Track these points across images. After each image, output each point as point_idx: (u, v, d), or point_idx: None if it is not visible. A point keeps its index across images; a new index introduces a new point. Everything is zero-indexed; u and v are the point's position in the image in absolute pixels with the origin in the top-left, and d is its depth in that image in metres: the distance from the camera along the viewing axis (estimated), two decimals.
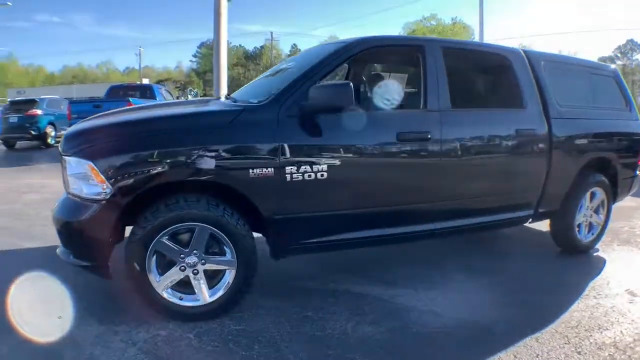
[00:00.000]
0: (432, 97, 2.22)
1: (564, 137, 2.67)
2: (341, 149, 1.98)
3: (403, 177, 2.17)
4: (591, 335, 1.90)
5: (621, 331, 1.95)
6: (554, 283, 2.51)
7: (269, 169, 1.85)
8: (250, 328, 1.92)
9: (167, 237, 1.84)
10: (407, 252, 2.94)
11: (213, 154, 1.80)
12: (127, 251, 1.84)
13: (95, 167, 1.73)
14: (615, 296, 2.32)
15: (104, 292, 2.19)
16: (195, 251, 1.88)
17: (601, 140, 2.97)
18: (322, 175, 1.92)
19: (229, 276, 1.94)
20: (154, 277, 1.87)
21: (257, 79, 2.97)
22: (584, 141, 2.84)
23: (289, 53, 48.42)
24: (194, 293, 1.93)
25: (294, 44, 51.22)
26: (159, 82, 29.86)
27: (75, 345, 1.75)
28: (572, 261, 2.91)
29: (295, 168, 1.87)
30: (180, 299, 1.93)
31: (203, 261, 1.91)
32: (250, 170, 1.83)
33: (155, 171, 1.75)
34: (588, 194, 2.94)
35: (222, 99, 2.85)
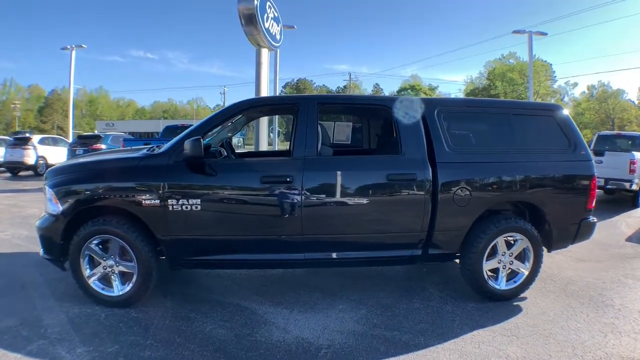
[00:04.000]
0: (298, 146, 2.92)
1: (453, 181, 2.93)
2: (211, 188, 2.82)
3: (267, 212, 2.86)
4: None
5: None
6: (436, 325, 2.77)
7: (157, 201, 2.78)
8: (142, 316, 2.81)
9: (95, 244, 2.86)
10: (319, 280, 3.55)
11: (122, 188, 2.81)
12: (70, 251, 2.92)
13: (54, 193, 2.88)
14: (490, 344, 2.50)
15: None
16: (112, 256, 2.88)
17: (516, 184, 3.03)
18: (196, 207, 2.78)
19: (135, 278, 2.88)
20: (86, 271, 2.90)
21: None
22: (485, 185, 2.98)
23: (372, 91, 51.61)
24: (111, 286, 2.93)
25: (377, 83, 55.20)
26: None
27: (33, 309, 2.92)
28: (482, 307, 3.04)
29: (175, 201, 2.77)
30: (102, 289, 2.92)
31: (117, 264, 2.91)
32: (144, 201, 2.79)
33: (83, 198, 2.82)
34: (501, 240, 3.07)
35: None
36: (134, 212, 2.81)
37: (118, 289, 2.92)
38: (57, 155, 13.18)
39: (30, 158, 12.70)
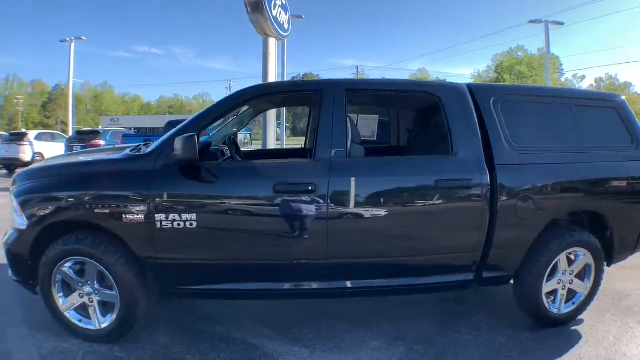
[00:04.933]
0: (322, 145, 2.31)
1: (516, 188, 2.44)
2: (210, 199, 2.24)
3: (281, 231, 2.28)
4: None
5: None
6: None
7: (140, 216, 2.20)
8: (129, 357, 2.27)
9: (68, 267, 2.32)
10: (344, 306, 2.98)
11: (95, 198, 2.23)
12: (39, 274, 2.36)
13: (19, 204, 2.33)
14: None
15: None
16: (89, 282, 2.32)
17: (583, 190, 2.62)
18: (191, 224, 2.20)
19: (117, 309, 2.32)
20: (59, 299, 2.36)
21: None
22: (552, 191, 2.52)
23: None
24: (91, 318, 2.37)
25: (383, 77, 54.30)
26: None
27: (1, 340, 2.43)
28: (539, 336, 2.60)
29: (164, 216, 2.19)
30: (80, 320, 2.38)
31: (96, 292, 2.34)
32: (125, 216, 2.20)
33: (49, 210, 2.26)
34: (563, 256, 2.62)
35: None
36: (111, 229, 2.25)
37: (98, 322, 2.37)
38: (55, 152, 12.72)
39: (26, 154, 12.32)
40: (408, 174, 2.39)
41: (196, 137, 2.13)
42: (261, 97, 2.63)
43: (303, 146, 3.98)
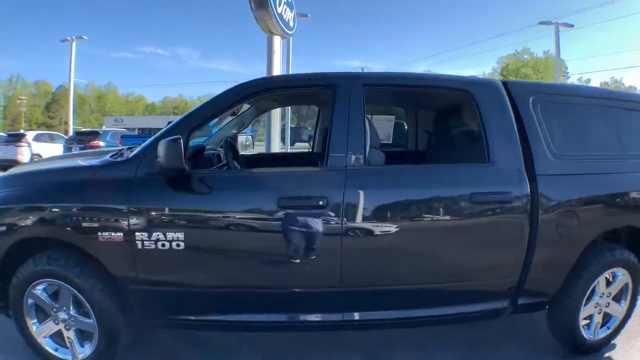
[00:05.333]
0: (335, 151, 1.98)
1: (559, 202, 2.13)
2: (201, 215, 1.92)
3: (286, 253, 1.95)
4: None
5: None
6: None
7: (118, 234, 1.88)
8: None
9: (41, 289, 2.02)
10: (355, 333, 2.67)
11: (67, 212, 1.91)
12: (9, 296, 2.04)
13: None
14: None
15: None
16: (64, 308, 2.02)
17: (630, 204, 2.33)
18: (178, 244, 1.87)
19: (95, 338, 2.01)
20: (32, 325, 2.06)
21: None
22: (597, 205, 2.23)
23: None
24: (67, 347, 2.07)
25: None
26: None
27: None
28: None
29: (146, 234, 1.87)
30: (56, 349, 2.08)
31: (72, 319, 2.03)
32: (100, 234, 1.88)
33: (15, 226, 1.95)
34: (602, 278, 2.32)
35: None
36: (86, 249, 1.94)
37: (76, 352, 2.06)
38: (53, 153, 12.53)
39: (24, 156, 12.10)
40: (438, 185, 2.05)
41: (182, 141, 1.80)
42: (263, 92, 2.23)
43: (310, 150, 3.65)
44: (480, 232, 2.07)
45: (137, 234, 1.88)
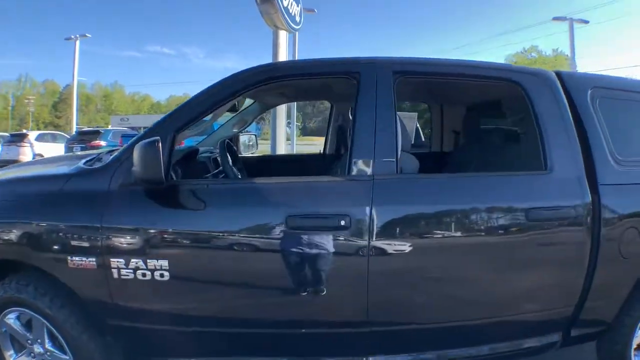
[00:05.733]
0: (358, 156, 1.57)
1: (623, 215, 1.77)
2: (189, 239, 1.52)
3: (298, 285, 1.55)
4: None
5: None
6: None
7: (91, 258, 1.52)
8: None
9: (13, 318, 1.71)
10: None
11: (32, 231, 1.58)
12: None
13: None
14: None
15: None
16: (38, 340, 1.70)
17: None
18: (162, 273, 1.50)
19: None
20: (9, 356, 1.78)
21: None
22: None
23: None
24: None
25: None
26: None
27: None
28: None
29: (122, 260, 1.50)
30: None
31: (49, 354, 1.71)
32: (70, 258, 1.53)
33: None
34: None
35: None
36: (56, 275, 1.60)
37: None
38: (56, 153, 12.33)
39: (26, 156, 11.92)
40: (491, 199, 1.64)
41: (159, 144, 1.41)
42: (268, 81, 1.75)
43: (321, 152, 3.23)
44: (538, 253, 1.69)
45: (112, 260, 1.52)
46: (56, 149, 12.66)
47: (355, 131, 1.60)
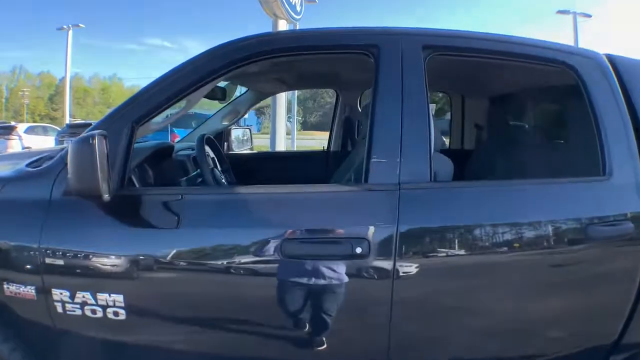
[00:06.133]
0: (379, 158, 1.20)
1: None
2: (150, 268, 1.17)
3: (296, 330, 1.21)
4: None
5: None
6: None
7: (29, 289, 1.18)
8: None
9: None
10: None
11: None
12: None
13: None
14: None
15: None
16: None
17: None
18: (115, 313, 1.14)
19: None
20: None
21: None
22: None
23: None
24: None
25: None
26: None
27: None
28: None
29: (67, 292, 1.15)
30: None
31: None
32: (4, 285, 1.20)
33: None
34: None
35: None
36: None
37: None
38: (46, 146, 11.96)
39: (14, 149, 11.53)
40: (546, 212, 1.28)
41: (101, 141, 1.04)
42: (261, 56, 1.32)
43: (325, 148, 2.83)
44: (592, 274, 1.39)
45: (54, 290, 1.17)
46: (46, 142, 12.32)
47: (374, 125, 1.21)
